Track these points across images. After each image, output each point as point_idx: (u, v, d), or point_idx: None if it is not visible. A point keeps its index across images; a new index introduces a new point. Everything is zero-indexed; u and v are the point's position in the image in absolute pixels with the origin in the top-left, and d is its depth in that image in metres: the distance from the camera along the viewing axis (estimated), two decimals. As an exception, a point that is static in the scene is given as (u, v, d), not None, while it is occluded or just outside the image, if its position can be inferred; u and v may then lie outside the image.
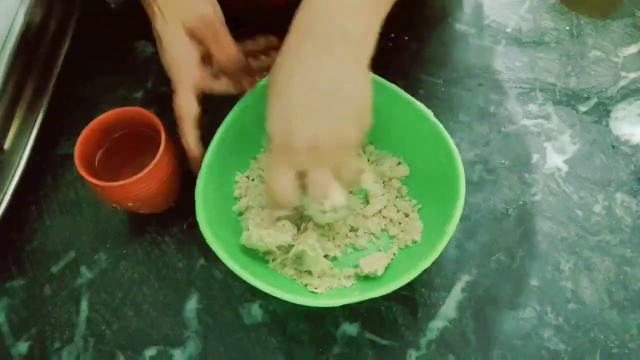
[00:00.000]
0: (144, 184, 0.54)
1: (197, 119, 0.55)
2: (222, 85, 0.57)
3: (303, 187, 0.50)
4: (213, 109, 0.67)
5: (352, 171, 0.50)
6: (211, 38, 0.54)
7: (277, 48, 0.49)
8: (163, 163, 0.55)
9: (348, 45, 0.46)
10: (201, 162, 0.56)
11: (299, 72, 0.46)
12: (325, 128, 0.45)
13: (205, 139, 0.58)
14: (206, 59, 0.56)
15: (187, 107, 0.54)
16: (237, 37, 0.73)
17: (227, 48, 0.55)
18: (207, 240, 0.52)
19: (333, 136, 0.46)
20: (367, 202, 0.59)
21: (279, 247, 0.55)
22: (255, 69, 0.60)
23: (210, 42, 0.55)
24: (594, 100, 0.67)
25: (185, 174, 0.62)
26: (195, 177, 0.55)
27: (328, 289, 0.55)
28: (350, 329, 0.56)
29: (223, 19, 0.55)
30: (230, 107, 0.58)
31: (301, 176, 0.49)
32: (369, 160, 0.62)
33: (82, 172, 0.54)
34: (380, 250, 0.57)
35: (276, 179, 0.47)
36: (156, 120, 0.56)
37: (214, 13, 0.54)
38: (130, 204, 0.56)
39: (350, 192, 0.58)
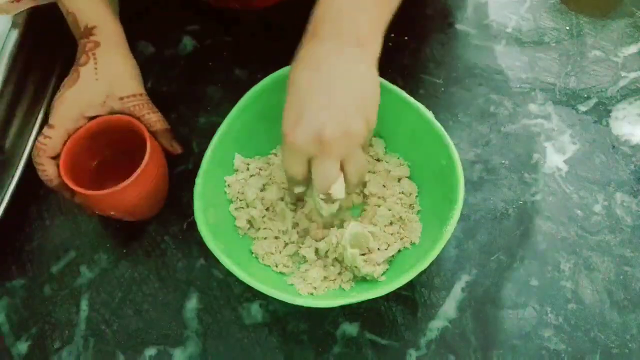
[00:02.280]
0: (128, 193, 0.54)
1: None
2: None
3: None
4: (212, 109, 0.68)
5: (358, 163, 0.51)
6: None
7: None
8: (148, 172, 0.54)
9: (356, 46, 0.50)
10: (63, 188, 0.55)
11: (310, 70, 0.50)
12: (332, 119, 0.48)
13: (204, 140, 0.58)
14: None
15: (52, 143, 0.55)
16: (230, 35, 0.73)
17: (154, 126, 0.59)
18: (205, 241, 0.52)
19: (339, 126, 0.48)
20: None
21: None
22: None
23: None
24: (594, 100, 0.67)
25: (185, 174, 0.62)
26: None
27: (327, 289, 0.55)
28: (350, 329, 0.56)
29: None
30: (229, 108, 0.58)
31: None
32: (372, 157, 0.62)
33: (67, 180, 0.53)
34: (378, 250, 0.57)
35: (289, 164, 0.51)
36: (141, 128, 0.56)
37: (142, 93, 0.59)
38: (112, 213, 0.56)
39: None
